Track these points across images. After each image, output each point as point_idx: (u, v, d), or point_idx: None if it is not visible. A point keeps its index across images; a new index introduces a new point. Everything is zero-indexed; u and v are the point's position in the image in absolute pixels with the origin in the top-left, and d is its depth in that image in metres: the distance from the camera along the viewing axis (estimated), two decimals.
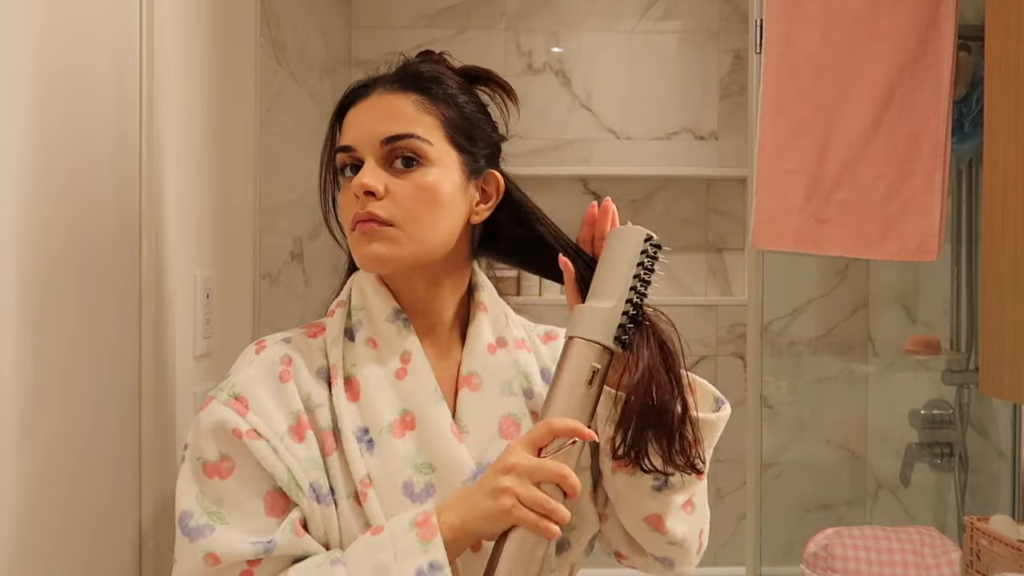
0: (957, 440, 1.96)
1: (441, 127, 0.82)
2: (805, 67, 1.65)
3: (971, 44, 1.71)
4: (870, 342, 2.36)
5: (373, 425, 0.79)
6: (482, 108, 0.88)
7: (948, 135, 1.59)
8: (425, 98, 0.82)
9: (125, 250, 0.96)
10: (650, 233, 0.81)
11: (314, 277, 1.94)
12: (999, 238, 1.27)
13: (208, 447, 0.76)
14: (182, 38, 1.10)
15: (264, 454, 0.75)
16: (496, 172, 0.88)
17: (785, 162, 1.66)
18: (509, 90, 0.90)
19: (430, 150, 0.81)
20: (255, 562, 0.73)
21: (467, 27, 2.51)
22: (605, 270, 0.81)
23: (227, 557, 0.73)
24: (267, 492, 0.76)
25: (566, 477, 0.72)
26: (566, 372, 0.77)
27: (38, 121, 0.78)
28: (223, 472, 0.75)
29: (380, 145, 0.80)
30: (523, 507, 0.71)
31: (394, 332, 0.83)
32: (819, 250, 1.67)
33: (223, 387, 0.79)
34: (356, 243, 0.81)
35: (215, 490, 0.75)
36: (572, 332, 0.79)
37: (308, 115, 1.93)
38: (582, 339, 0.78)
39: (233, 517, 0.74)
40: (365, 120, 0.82)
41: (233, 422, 0.75)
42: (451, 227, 0.83)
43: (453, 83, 0.85)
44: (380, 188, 0.79)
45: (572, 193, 2.51)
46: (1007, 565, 1.33)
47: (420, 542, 0.70)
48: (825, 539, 1.64)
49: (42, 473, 0.79)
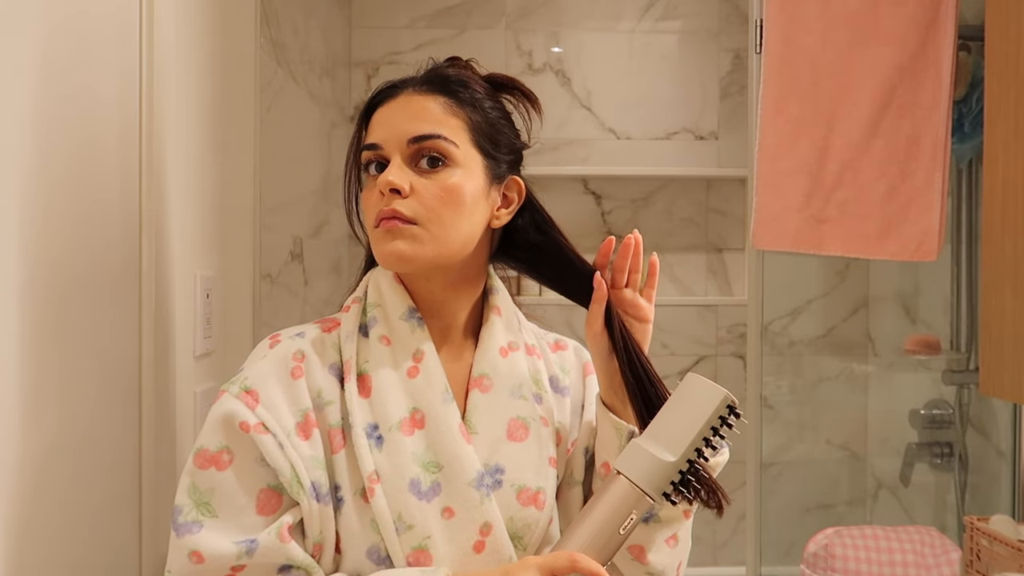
0: (957, 440, 1.96)
1: (467, 130, 0.83)
2: (805, 67, 1.65)
3: (971, 44, 1.71)
4: (870, 342, 2.36)
5: (383, 422, 0.80)
6: (506, 115, 0.89)
7: (948, 135, 1.59)
8: (453, 101, 0.83)
9: (125, 250, 0.96)
10: (734, 400, 0.76)
11: (314, 277, 1.94)
12: (999, 238, 1.27)
13: (212, 438, 0.76)
14: (182, 38, 1.10)
15: (270, 449, 0.75)
16: (518, 179, 0.89)
17: (785, 162, 1.66)
18: (533, 99, 0.90)
19: (456, 152, 0.81)
20: (238, 568, 0.74)
21: (467, 27, 2.51)
22: (677, 419, 0.77)
23: (210, 558, 0.73)
24: (261, 490, 0.76)
25: None
26: (604, 508, 0.74)
27: (38, 121, 0.78)
28: (221, 464, 0.76)
29: (407, 144, 0.81)
30: None
31: (408, 330, 0.84)
32: (819, 250, 1.67)
33: (235, 380, 0.79)
34: (378, 240, 0.81)
35: (209, 481, 0.75)
36: (623, 469, 0.76)
37: (308, 115, 1.93)
38: (632, 483, 0.75)
39: (223, 510, 0.75)
40: (393, 119, 0.83)
41: (242, 415, 0.76)
42: (472, 229, 0.83)
43: (480, 88, 0.86)
44: (406, 186, 0.80)
45: (572, 193, 2.51)
46: (1007, 565, 1.33)
47: None
48: (825, 539, 1.64)
49: (42, 472, 0.79)
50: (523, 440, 0.84)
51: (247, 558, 0.73)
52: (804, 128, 1.65)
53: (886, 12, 1.60)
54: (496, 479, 0.81)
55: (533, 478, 0.83)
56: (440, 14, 2.50)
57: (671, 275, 2.58)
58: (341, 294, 0.91)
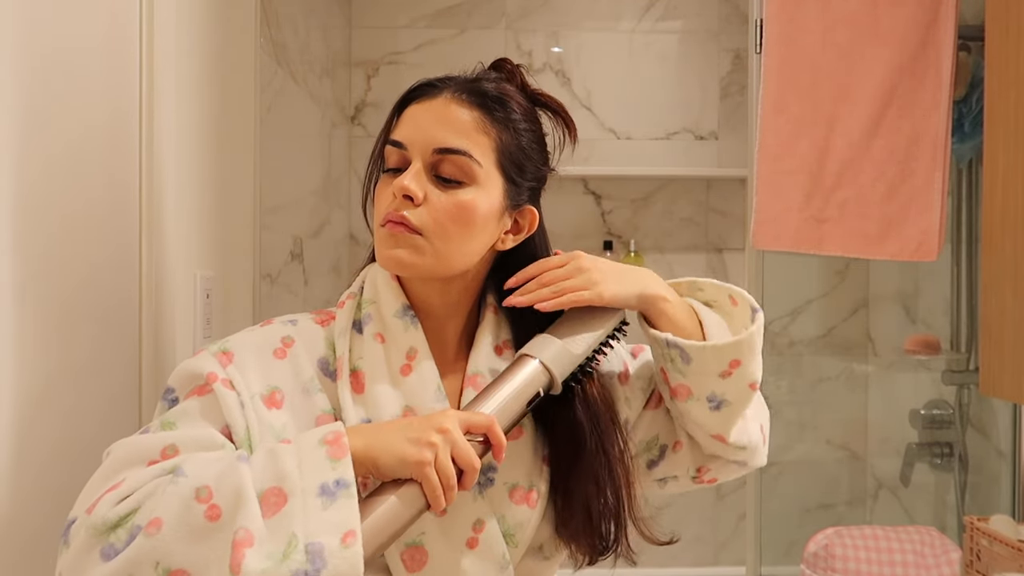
0: (957, 440, 1.96)
1: (495, 151, 0.82)
2: (805, 67, 1.65)
3: (971, 44, 1.71)
4: (870, 342, 2.36)
5: (375, 418, 0.79)
6: (539, 139, 0.88)
7: (948, 135, 1.59)
8: (487, 117, 0.82)
9: (125, 250, 0.96)
10: (627, 320, 0.89)
11: (314, 277, 1.94)
12: (999, 238, 1.27)
13: (184, 387, 0.77)
14: (182, 38, 1.09)
15: (231, 404, 0.75)
16: (534, 209, 0.88)
17: (785, 162, 1.66)
18: (571, 127, 0.90)
19: (478, 171, 0.80)
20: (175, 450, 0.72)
21: (467, 27, 2.51)
22: (585, 324, 0.85)
23: (183, 444, 0.72)
24: (224, 426, 0.75)
25: (475, 472, 0.74)
26: (514, 383, 0.80)
27: (37, 121, 0.78)
28: (202, 392, 0.76)
29: (431, 152, 0.80)
30: (434, 469, 0.71)
31: (401, 328, 0.84)
32: (819, 250, 1.67)
33: (217, 343, 0.80)
34: (382, 241, 0.81)
35: (177, 411, 0.75)
36: (535, 354, 0.82)
37: (308, 115, 1.93)
38: (542, 365, 0.81)
39: (185, 425, 0.74)
40: (424, 121, 0.81)
41: (211, 367, 0.76)
42: (476, 249, 0.83)
43: (517, 108, 0.84)
44: (420, 195, 0.79)
45: (572, 193, 2.51)
46: (1007, 565, 1.33)
47: (329, 459, 0.69)
48: (825, 539, 1.64)
49: (41, 473, 0.79)
50: (517, 438, 0.84)
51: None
52: (804, 128, 1.65)
53: (886, 12, 1.60)
54: (488, 477, 0.81)
55: (525, 476, 0.83)
56: (440, 14, 2.50)
57: (671, 275, 2.57)
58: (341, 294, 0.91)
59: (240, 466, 0.67)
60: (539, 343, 0.83)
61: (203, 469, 0.67)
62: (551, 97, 0.89)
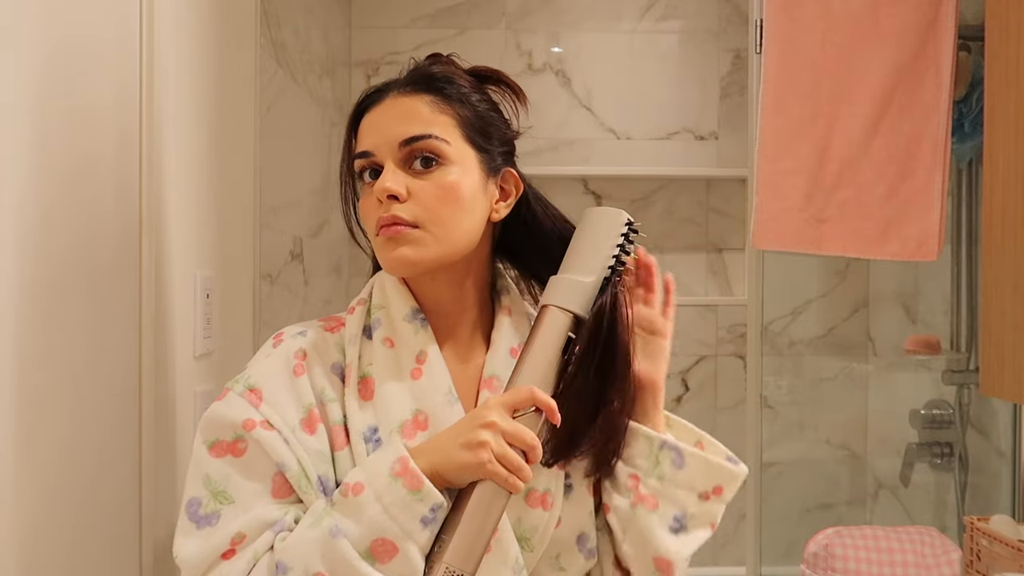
0: (957, 440, 1.96)
1: (457, 126, 0.83)
2: (805, 67, 1.65)
3: (971, 44, 1.71)
4: (870, 342, 2.36)
5: (384, 424, 0.80)
6: (495, 107, 0.89)
7: (948, 135, 1.59)
8: (439, 98, 0.83)
9: (125, 250, 0.96)
10: (631, 218, 0.85)
11: (314, 277, 1.94)
12: (999, 238, 1.27)
13: (224, 432, 0.77)
14: (182, 38, 1.10)
15: (275, 445, 0.76)
16: (513, 171, 0.88)
17: (785, 162, 1.66)
18: (518, 91, 0.90)
19: (448, 149, 0.81)
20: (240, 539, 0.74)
21: (467, 27, 2.51)
22: (585, 246, 0.84)
23: (249, 529, 0.74)
24: (276, 473, 0.76)
25: (535, 448, 0.75)
26: (541, 339, 0.80)
27: (38, 121, 0.78)
28: (237, 451, 0.76)
29: (399, 147, 0.81)
30: (497, 463, 0.73)
31: (411, 332, 0.84)
32: (819, 250, 1.67)
33: (239, 379, 0.80)
34: (381, 248, 0.81)
35: (225, 468, 0.76)
36: (549, 301, 0.81)
37: (308, 115, 1.93)
38: (559, 308, 0.80)
39: (239, 494, 0.75)
40: (381, 124, 0.82)
41: (247, 412, 0.76)
42: (473, 226, 0.83)
43: (465, 83, 0.86)
44: (403, 191, 0.79)
45: (572, 193, 2.50)
46: (1007, 565, 1.33)
47: (410, 492, 0.72)
48: (825, 539, 1.64)
49: (42, 472, 0.79)
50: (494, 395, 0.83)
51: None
52: (804, 128, 1.65)
53: (886, 12, 1.60)
54: None
55: (541, 479, 0.82)
56: (440, 14, 2.50)
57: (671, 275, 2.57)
58: (341, 294, 0.92)
59: (339, 544, 0.70)
60: (551, 289, 0.83)
61: (305, 558, 0.70)
62: (489, 68, 0.90)
